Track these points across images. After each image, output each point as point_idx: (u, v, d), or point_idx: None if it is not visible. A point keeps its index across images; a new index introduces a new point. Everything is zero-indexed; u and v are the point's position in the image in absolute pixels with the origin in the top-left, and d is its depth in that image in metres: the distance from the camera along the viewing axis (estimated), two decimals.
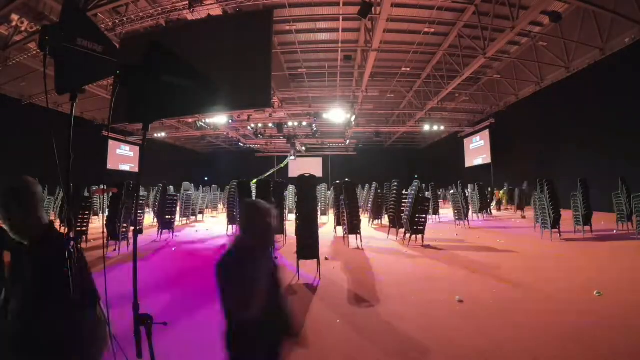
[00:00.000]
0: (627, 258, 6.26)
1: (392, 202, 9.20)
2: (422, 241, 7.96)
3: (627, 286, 4.62)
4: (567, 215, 8.98)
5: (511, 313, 3.77)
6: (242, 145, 31.06)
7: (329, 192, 16.12)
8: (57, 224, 7.48)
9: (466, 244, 8.39)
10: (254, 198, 7.02)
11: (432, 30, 13.98)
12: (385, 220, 11.45)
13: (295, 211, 5.76)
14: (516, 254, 6.98)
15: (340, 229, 9.03)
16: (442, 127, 24.94)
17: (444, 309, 3.93)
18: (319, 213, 6.39)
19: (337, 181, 9.41)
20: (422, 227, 7.83)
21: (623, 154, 12.73)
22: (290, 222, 8.96)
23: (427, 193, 12.78)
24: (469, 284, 4.94)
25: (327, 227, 10.85)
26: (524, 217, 13.92)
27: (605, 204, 13.60)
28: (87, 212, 8.29)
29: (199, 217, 14.81)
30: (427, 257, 6.84)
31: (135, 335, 1.60)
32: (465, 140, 26.83)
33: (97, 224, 11.60)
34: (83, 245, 7.67)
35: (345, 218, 7.50)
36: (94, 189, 14.57)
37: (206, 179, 37.16)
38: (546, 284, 4.81)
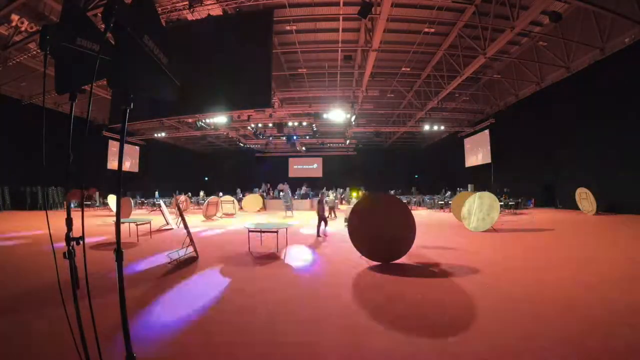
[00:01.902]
0: None
1: None
2: None
3: None
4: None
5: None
6: (242, 145, 31.06)
7: None
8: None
9: None
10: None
11: (432, 30, 13.99)
12: None
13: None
14: None
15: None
16: (442, 127, 24.92)
17: None
18: None
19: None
20: None
21: (623, 154, 12.75)
22: None
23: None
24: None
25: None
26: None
27: (605, 204, 13.64)
28: None
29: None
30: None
31: None
32: (465, 140, 26.83)
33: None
34: None
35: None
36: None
37: (206, 179, 37.20)
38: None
